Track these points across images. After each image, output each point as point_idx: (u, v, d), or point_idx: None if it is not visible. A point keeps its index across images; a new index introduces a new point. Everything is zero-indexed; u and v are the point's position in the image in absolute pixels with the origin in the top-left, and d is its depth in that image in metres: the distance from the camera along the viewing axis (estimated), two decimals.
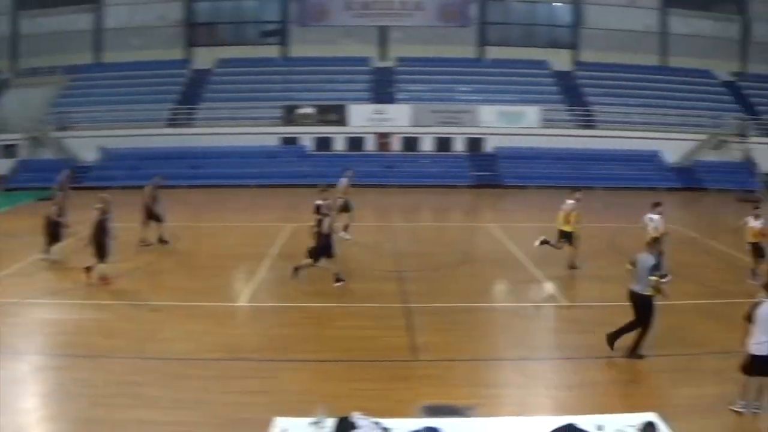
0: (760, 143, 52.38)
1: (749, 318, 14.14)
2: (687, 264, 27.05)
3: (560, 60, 57.06)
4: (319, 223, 23.12)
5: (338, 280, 22.42)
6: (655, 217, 24.73)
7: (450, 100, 51.71)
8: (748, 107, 56.58)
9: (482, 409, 12.44)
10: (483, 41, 56.07)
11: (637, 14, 58.49)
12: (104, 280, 22.22)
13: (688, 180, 50.11)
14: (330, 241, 22.78)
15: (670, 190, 48.45)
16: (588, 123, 52.13)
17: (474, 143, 49.79)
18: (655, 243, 18.66)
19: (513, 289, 23.81)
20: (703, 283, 24.58)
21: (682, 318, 20.81)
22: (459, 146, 49.76)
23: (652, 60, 58.64)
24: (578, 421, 9.74)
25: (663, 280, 18.28)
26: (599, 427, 9.65)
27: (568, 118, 52.54)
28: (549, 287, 23.70)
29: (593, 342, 18.13)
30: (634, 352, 17.09)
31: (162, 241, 28.16)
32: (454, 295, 22.00)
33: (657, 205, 25.01)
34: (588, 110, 52.82)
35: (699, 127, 53.44)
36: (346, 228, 29.74)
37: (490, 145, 50.04)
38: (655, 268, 17.35)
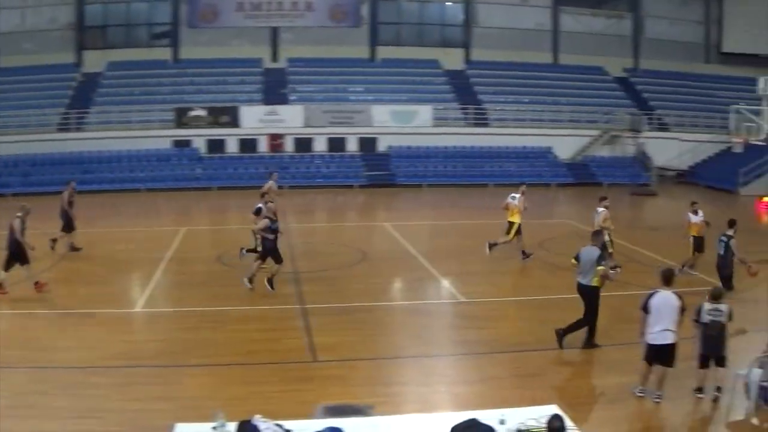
0: (652, 138, 53.50)
1: (645, 308, 14.58)
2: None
3: (452, 59, 57.29)
4: (270, 229, 22.72)
5: (270, 281, 22.08)
6: (600, 209, 25.44)
7: (342, 100, 51.60)
8: (640, 102, 57.81)
9: (384, 408, 12.47)
10: (375, 41, 56.06)
11: (528, 13, 59.12)
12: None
13: (582, 175, 50.90)
14: (276, 244, 22.52)
15: (563, 185, 49.34)
16: (480, 121, 52.52)
17: (367, 143, 49.79)
18: (596, 235, 19.17)
19: (411, 286, 23.88)
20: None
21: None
22: (352, 146, 49.70)
23: (544, 58, 59.34)
24: (481, 416, 9.81)
25: (612, 271, 18.77)
26: (502, 421, 9.75)
27: (461, 116, 52.86)
28: (446, 284, 23.87)
29: (492, 337, 18.40)
30: (589, 343, 17.58)
31: (74, 248, 27.63)
32: (352, 294, 21.92)
33: (603, 199, 25.77)
34: (480, 108, 53.21)
35: (592, 123, 54.41)
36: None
37: (383, 144, 50.08)
38: (601, 259, 17.89)
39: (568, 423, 9.48)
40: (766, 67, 55.11)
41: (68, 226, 27.49)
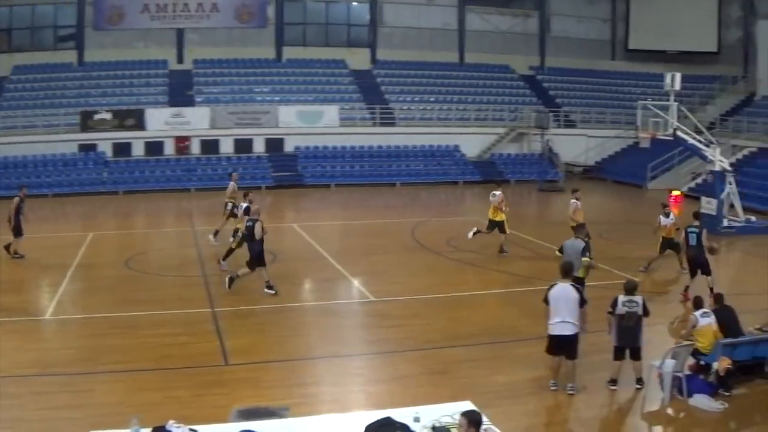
0: (559, 134, 54.53)
1: (546, 300, 14.94)
2: (492, 254, 27.87)
3: (358, 59, 57.42)
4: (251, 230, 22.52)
5: (269, 287, 22.05)
6: (572, 201, 26.78)
7: (249, 101, 51.30)
8: (547, 100, 58.76)
9: (299, 409, 12.56)
10: (281, 42, 55.77)
11: (435, 12, 59.48)
12: None
13: (489, 173, 51.38)
14: (263, 247, 22.29)
15: (470, 183, 49.72)
16: (387, 121, 52.72)
17: (274, 144, 49.56)
18: (580, 228, 19.63)
19: (321, 287, 23.95)
20: (510, 272, 25.34)
21: (491, 308, 21.56)
22: (259, 147, 49.47)
23: (450, 57, 59.75)
24: (395, 414, 9.96)
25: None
26: (416, 419, 9.90)
27: (368, 116, 53.02)
28: (356, 283, 24.01)
29: (403, 335, 18.58)
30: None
31: (16, 254, 27.17)
32: (262, 295, 21.84)
33: (575, 191, 27.30)
34: (387, 108, 53.41)
35: (498, 121, 55.17)
36: (216, 233, 29.35)
37: (290, 145, 49.97)
38: (586, 250, 18.35)
39: (483, 418, 9.67)
40: (673, 63, 56.42)
41: (17, 231, 27.13)
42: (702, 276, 22.06)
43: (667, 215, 25.52)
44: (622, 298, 15.24)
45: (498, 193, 28.49)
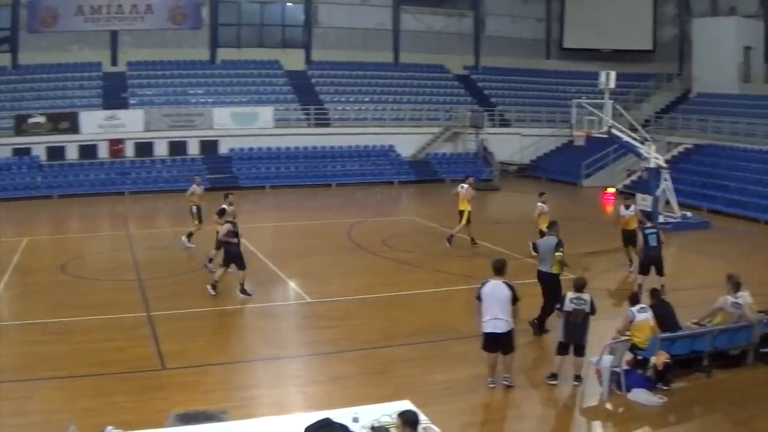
0: (494, 133, 55.12)
1: (478, 297, 15.16)
2: (429, 253, 28.09)
3: (293, 60, 57.27)
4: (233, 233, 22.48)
5: (243, 291, 22.11)
6: (538, 204, 27.41)
7: (183, 103, 51.01)
8: (481, 99, 59.21)
9: (238, 412, 12.61)
10: (215, 43, 55.47)
11: (369, 12, 59.60)
12: None
13: (424, 172, 51.68)
14: (239, 249, 22.33)
15: (405, 183, 49.99)
16: (322, 121, 52.76)
17: (208, 146, 49.30)
18: (553, 225, 20.11)
19: (257, 289, 23.77)
20: (446, 271, 25.53)
21: (428, 307, 21.71)
22: (193, 149, 49.22)
23: (385, 57, 60.00)
24: (334, 415, 10.07)
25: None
26: (355, 419, 10.02)
27: (302, 117, 53.00)
28: (292, 285, 24.07)
29: (340, 336, 18.70)
30: (541, 328, 18.29)
31: None
32: (199, 299, 21.82)
33: (542, 194, 27.68)
34: (322, 109, 53.44)
35: (433, 120, 55.40)
36: (190, 236, 29.20)
37: (224, 146, 49.82)
38: (559, 246, 18.62)
39: (421, 417, 9.82)
40: (608, 61, 57.18)
41: None
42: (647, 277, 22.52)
43: (627, 207, 25.94)
44: (570, 295, 15.52)
45: (466, 186, 29.37)
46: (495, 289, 15.15)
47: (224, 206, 24.51)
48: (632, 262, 25.42)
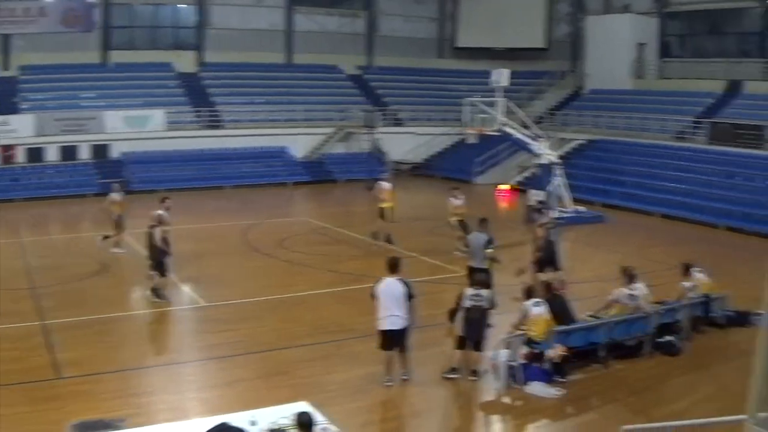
0: (387, 132, 55.56)
1: (373, 296, 15.42)
2: (324, 254, 28.26)
3: (185, 62, 56.80)
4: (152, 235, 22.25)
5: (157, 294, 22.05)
6: (450, 199, 28.60)
7: (75, 107, 50.17)
8: (375, 99, 59.52)
9: (136, 419, 12.61)
10: (108, 46, 54.65)
11: (262, 13, 59.32)
12: None
13: (318, 173, 51.82)
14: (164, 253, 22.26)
15: (300, 184, 50.02)
16: (215, 123, 52.51)
17: (100, 150, 48.55)
18: (484, 222, 20.92)
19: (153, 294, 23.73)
20: (341, 271, 25.73)
21: (324, 307, 21.89)
22: (85, 154, 48.48)
23: (278, 58, 59.87)
24: (231, 419, 10.18)
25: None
26: (253, 422, 10.14)
27: (195, 119, 52.66)
28: (186, 289, 23.98)
29: (236, 339, 18.75)
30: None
31: None
32: (93, 306, 21.56)
33: (455, 189, 28.74)
34: (214, 111, 53.17)
35: (327, 121, 55.49)
36: (105, 238, 28.82)
37: (116, 150, 49.15)
38: (489, 243, 19.13)
39: (319, 418, 9.97)
40: (501, 59, 57.82)
41: None
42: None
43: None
44: (469, 291, 15.84)
45: (388, 184, 30.37)
46: (390, 287, 15.42)
47: (161, 212, 24.08)
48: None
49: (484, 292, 15.92)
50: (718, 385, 16.23)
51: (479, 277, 16.32)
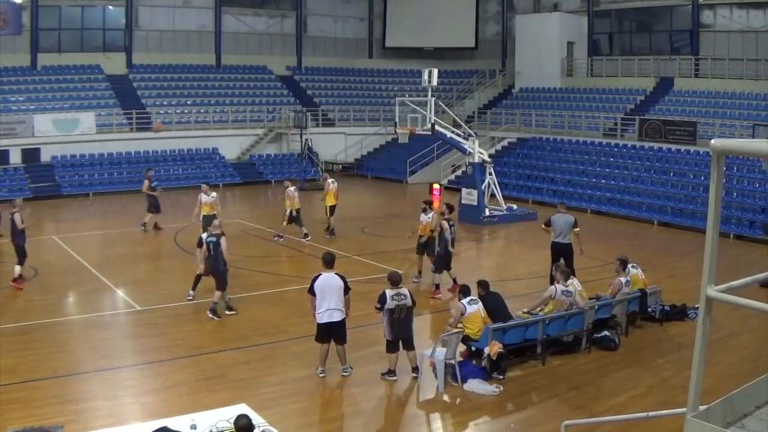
0: (318, 133, 55.98)
1: (311, 291, 15.74)
2: (255, 255, 28.27)
3: (114, 64, 56.21)
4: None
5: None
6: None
7: (4, 111, 49.40)
8: (304, 99, 59.74)
9: (73, 426, 12.59)
10: (36, 48, 53.98)
11: (191, 14, 59.10)
12: None
13: (249, 174, 51.78)
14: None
15: (230, 185, 49.94)
16: (145, 126, 52.04)
17: (30, 154, 47.99)
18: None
19: (85, 299, 23.39)
20: (274, 272, 25.78)
21: (259, 309, 21.90)
22: (15, 158, 47.82)
23: (207, 59, 59.59)
24: (171, 423, 10.21)
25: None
26: (193, 426, 10.16)
27: (125, 122, 52.18)
28: (120, 293, 23.85)
29: (172, 343, 18.68)
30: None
31: None
32: (25, 313, 21.32)
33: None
34: (144, 113, 52.71)
35: (257, 122, 55.64)
36: None
37: (46, 154, 48.54)
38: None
39: (259, 420, 10.04)
40: (431, 59, 58.39)
41: None
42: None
43: (425, 211, 26.13)
44: (390, 292, 15.82)
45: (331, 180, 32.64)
46: (328, 281, 15.72)
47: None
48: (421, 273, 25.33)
49: (404, 290, 16.01)
50: (656, 379, 16.53)
51: (396, 275, 16.39)
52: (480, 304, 16.93)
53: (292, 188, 30.90)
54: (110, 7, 57.30)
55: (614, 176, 42.09)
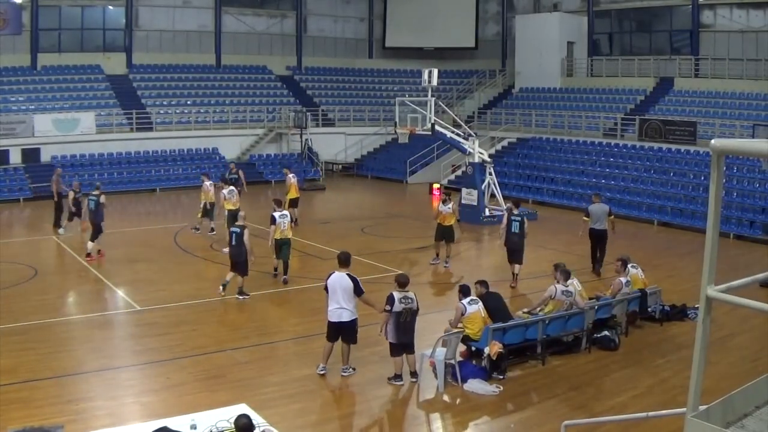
0: (318, 133, 55.98)
1: (326, 288, 15.72)
2: (256, 255, 28.18)
3: (114, 64, 56.21)
4: None
5: None
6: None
7: (4, 111, 49.35)
8: (304, 99, 59.69)
9: (74, 426, 12.58)
10: (36, 48, 53.92)
11: (190, 14, 59.06)
12: None
13: (249, 174, 51.44)
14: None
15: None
16: (145, 125, 52.08)
17: (30, 154, 48.00)
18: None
19: (86, 299, 23.47)
20: (272, 272, 25.68)
21: (259, 309, 21.89)
22: (15, 158, 47.84)
23: (207, 59, 59.56)
24: (171, 423, 10.19)
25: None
26: (193, 426, 10.13)
27: (125, 122, 52.16)
28: (121, 293, 23.83)
29: (173, 343, 18.65)
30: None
31: None
32: (26, 313, 21.19)
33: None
34: (144, 113, 52.70)
35: (257, 122, 55.62)
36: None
37: (46, 154, 48.54)
38: None
39: (259, 420, 10.03)
40: (431, 59, 58.36)
41: None
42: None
43: (445, 203, 26.86)
44: (397, 294, 15.68)
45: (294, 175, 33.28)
46: (338, 280, 15.75)
47: None
48: (439, 256, 26.85)
49: (411, 293, 15.97)
50: (656, 379, 16.51)
51: (405, 277, 16.35)
52: (480, 304, 16.91)
53: (207, 183, 32.14)
54: (110, 7, 57.25)
55: (614, 176, 42.07)
